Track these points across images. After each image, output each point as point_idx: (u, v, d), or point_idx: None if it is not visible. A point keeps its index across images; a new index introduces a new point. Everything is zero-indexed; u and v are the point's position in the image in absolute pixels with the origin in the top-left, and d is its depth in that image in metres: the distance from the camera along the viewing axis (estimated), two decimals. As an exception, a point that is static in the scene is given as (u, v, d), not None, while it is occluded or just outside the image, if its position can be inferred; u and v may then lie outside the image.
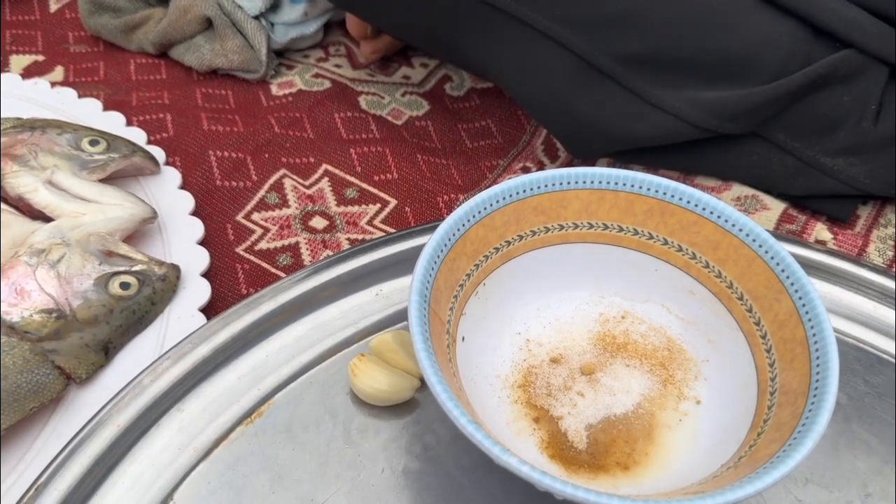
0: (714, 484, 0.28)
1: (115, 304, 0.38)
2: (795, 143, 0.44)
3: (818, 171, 0.43)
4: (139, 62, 0.61)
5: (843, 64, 0.42)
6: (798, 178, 0.44)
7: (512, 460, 0.26)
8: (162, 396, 0.34)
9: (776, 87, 0.42)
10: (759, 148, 0.44)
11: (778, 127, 0.44)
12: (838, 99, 0.43)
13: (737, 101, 0.42)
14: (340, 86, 0.58)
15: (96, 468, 0.31)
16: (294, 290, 0.38)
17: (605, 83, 0.43)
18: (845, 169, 0.43)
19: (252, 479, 0.32)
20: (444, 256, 0.32)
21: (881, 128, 0.42)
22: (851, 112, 0.43)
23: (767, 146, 0.44)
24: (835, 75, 0.42)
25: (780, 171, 0.44)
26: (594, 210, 0.35)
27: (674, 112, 0.43)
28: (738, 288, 0.34)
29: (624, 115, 0.44)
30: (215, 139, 0.52)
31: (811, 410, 0.28)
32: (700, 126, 0.43)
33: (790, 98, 0.42)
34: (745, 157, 0.45)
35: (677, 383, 0.34)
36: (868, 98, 0.43)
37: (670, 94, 0.43)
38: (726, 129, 0.43)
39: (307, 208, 0.47)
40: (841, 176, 0.43)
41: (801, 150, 0.44)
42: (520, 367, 0.34)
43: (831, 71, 0.42)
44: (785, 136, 0.44)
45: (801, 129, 0.44)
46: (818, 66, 0.42)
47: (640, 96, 0.43)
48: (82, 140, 0.45)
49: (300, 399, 0.34)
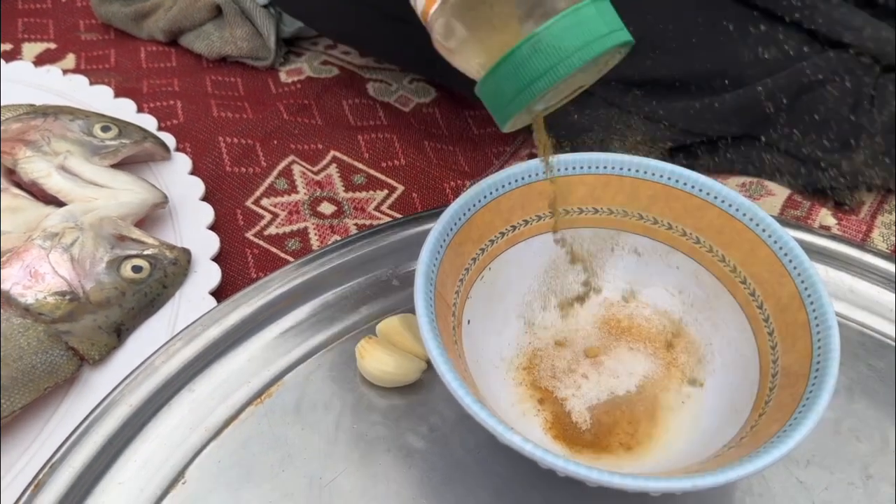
0: (715, 463, 0.28)
1: (128, 287, 0.39)
2: (790, 142, 0.44)
3: (816, 168, 0.43)
4: (149, 50, 0.61)
5: (833, 62, 0.42)
6: (797, 175, 0.44)
7: (515, 439, 0.26)
8: (173, 377, 0.34)
9: (765, 87, 0.42)
10: (754, 149, 0.45)
11: (771, 127, 0.44)
12: (830, 96, 0.42)
13: (726, 103, 0.42)
14: (348, 73, 0.58)
15: (109, 447, 0.32)
16: (303, 274, 0.38)
17: (590, 100, 0.44)
18: (843, 163, 0.43)
19: (261, 458, 0.32)
20: (450, 241, 0.32)
21: (875, 121, 0.42)
22: (844, 108, 0.42)
23: (763, 146, 0.44)
24: (825, 72, 0.42)
25: (780, 168, 0.45)
26: (599, 195, 0.36)
27: (663, 120, 0.43)
28: (741, 272, 0.34)
29: (613, 128, 0.44)
30: (225, 126, 0.52)
31: (811, 392, 0.28)
32: (691, 131, 0.43)
33: (781, 97, 0.42)
34: (742, 158, 0.45)
35: (680, 366, 0.34)
36: (860, 93, 0.42)
37: (657, 104, 0.43)
38: (719, 132, 0.43)
39: (315, 194, 0.48)
40: (839, 170, 0.43)
41: (797, 149, 0.43)
42: (525, 350, 0.35)
43: (822, 69, 0.42)
44: (779, 136, 0.44)
45: (795, 128, 0.43)
46: (807, 66, 0.42)
47: (629, 110, 0.43)
48: (94, 126, 0.46)
49: (309, 380, 0.35)
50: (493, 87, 0.26)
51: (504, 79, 0.26)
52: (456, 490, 0.31)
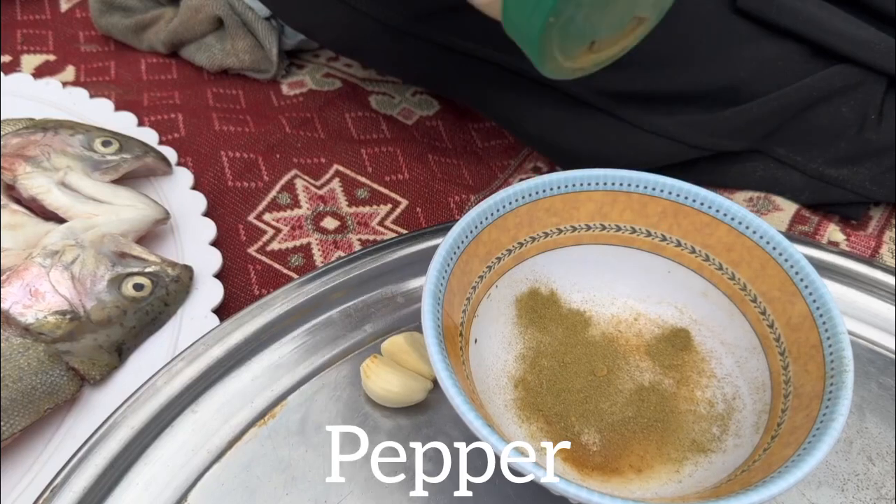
0: (728, 488, 0.28)
1: (129, 306, 0.38)
2: (797, 157, 0.43)
3: (823, 182, 0.43)
4: (150, 62, 0.60)
5: (840, 76, 0.42)
6: (804, 190, 0.44)
7: (527, 465, 0.26)
8: (176, 398, 0.34)
9: (770, 102, 0.41)
10: (761, 164, 0.44)
11: (777, 142, 0.43)
12: (836, 110, 0.42)
13: (731, 118, 0.42)
14: (351, 85, 0.58)
15: (111, 470, 0.31)
16: (306, 292, 0.38)
17: (596, 115, 0.44)
18: (850, 178, 0.43)
19: (265, 480, 0.32)
20: (457, 258, 0.32)
21: (883, 136, 0.42)
22: (851, 122, 0.42)
23: (769, 161, 0.44)
24: (832, 87, 0.42)
25: (786, 183, 0.44)
26: (607, 212, 0.35)
27: (668, 135, 0.43)
28: (751, 290, 0.34)
29: (618, 142, 0.44)
30: (227, 139, 0.51)
31: (825, 414, 0.28)
32: (696, 145, 0.43)
33: (786, 112, 0.42)
34: (748, 173, 0.45)
35: (690, 385, 0.34)
36: (867, 107, 0.42)
37: (663, 118, 0.43)
38: (724, 147, 0.43)
39: (319, 209, 0.47)
40: (847, 185, 0.43)
41: (804, 164, 0.43)
42: (532, 370, 0.34)
43: (828, 83, 0.41)
44: (786, 151, 0.43)
45: (801, 143, 0.43)
46: (814, 80, 0.41)
47: (633, 124, 0.43)
48: (95, 141, 0.45)
49: (313, 400, 0.34)
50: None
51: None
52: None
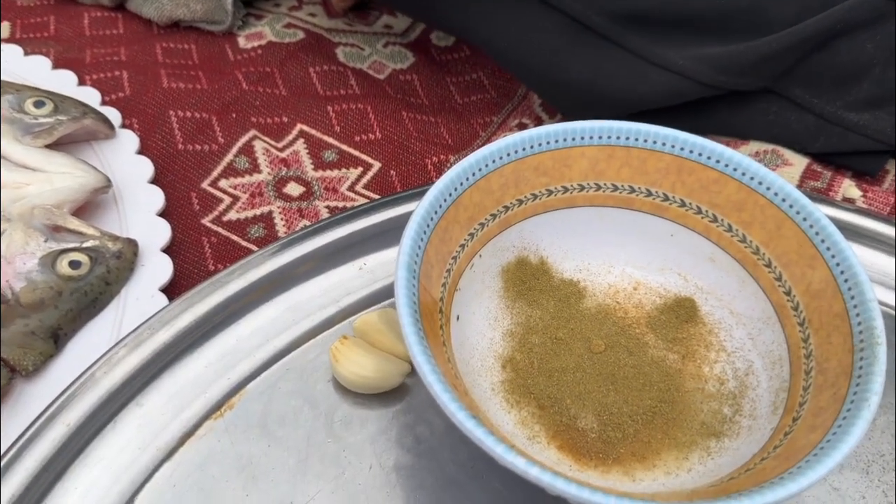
0: (749, 480, 0.24)
1: (65, 286, 0.35)
2: (814, 99, 0.41)
3: (841, 128, 0.41)
4: (93, 16, 0.56)
5: (864, 7, 0.39)
6: (819, 136, 0.41)
7: (519, 461, 0.23)
8: (118, 389, 0.31)
9: (788, 36, 0.39)
10: (774, 106, 0.42)
11: (794, 81, 0.41)
12: (860, 46, 0.39)
13: (746, 53, 0.39)
14: (315, 36, 0.54)
15: (44, 473, 0.29)
16: (267, 266, 0.35)
17: (601, 44, 0.41)
18: (871, 123, 0.40)
19: (223, 480, 0.29)
20: (434, 225, 0.29)
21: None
22: (876, 60, 0.40)
23: (783, 103, 0.41)
24: (855, 20, 0.39)
25: (799, 129, 0.42)
26: (602, 169, 0.32)
27: (678, 70, 0.40)
28: (765, 254, 0.31)
29: (623, 76, 0.41)
30: (177, 98, 0.48)
31: (856, 394, 0.25)
32: (707, 83, 0.40)
33: (806, 48, 0.39)
34: (759, 117, 0.42)
35: (697, 360, 0.31)
36: (894, 43, 0.39)
37: (673, 51, 0.40)
38: (736, 86, 0.40)
39: (281, 173, 0.44)
40: (867, 131, 0.40)
41: (822, 106, 0.41)
42: (521, 348, 0.31)
43: (851, 15, 0.39)
44: (802, 92, 0.41)
45: (820, 83, 0.41)
46: (836, 11, 0.39)
47: (641, 56, 0.41)
48: (26, 101, 0.41)
49: (276, 389, 0.32)
50: None
51: None
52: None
